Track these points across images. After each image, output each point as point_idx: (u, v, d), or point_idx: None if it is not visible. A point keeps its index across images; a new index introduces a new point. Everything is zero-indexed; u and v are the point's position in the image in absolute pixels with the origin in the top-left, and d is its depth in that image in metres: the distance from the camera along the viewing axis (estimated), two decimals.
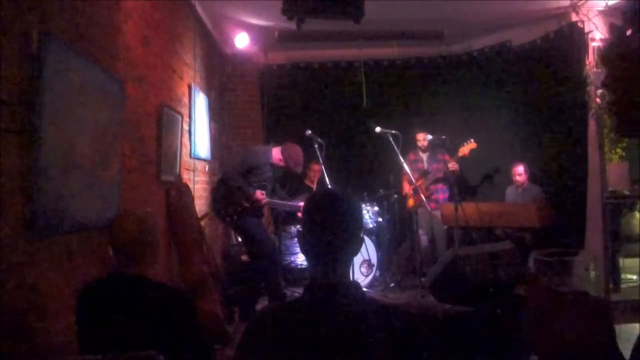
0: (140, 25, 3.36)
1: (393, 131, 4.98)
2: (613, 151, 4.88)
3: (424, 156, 5.70)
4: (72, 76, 2.26)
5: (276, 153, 4.43)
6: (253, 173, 4.37)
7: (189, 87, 4.62)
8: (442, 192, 5.61)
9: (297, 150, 4.43)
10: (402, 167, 5.19)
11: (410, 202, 5.61)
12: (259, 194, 4.29)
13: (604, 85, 0.79)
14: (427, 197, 5.23)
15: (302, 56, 6.58)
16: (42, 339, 2.02)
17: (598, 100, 4.87)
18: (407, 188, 5.68)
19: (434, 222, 5.47)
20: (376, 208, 5.56)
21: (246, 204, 4.27)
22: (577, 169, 5.26)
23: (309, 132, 4.88)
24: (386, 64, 6.67)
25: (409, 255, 5.72)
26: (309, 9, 3.56)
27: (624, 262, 4.77)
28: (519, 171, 5.37)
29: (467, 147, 5.44)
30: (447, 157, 5.45)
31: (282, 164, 4.41)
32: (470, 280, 3.60)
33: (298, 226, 5.25)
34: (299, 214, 4.55)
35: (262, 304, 4.42)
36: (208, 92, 5.45)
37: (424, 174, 5.56)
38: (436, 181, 5.55)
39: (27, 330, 1.93)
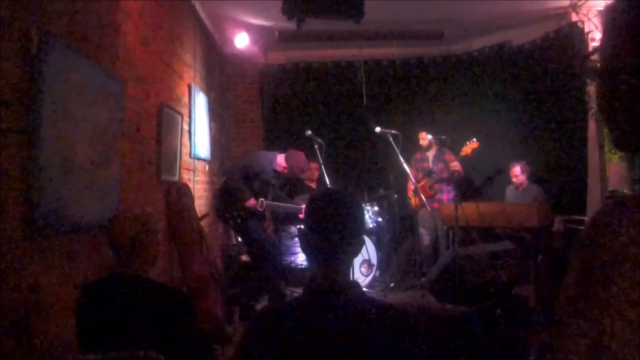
0: (140, 25, 3.36)
1: (393, 131, 4.98)
2: (613, 151, 4.88)
3: (430, 155, 5.71)
4: (72, 76, 2.26)
5: (280, 160, 4.46)
6: (256, 178, 4.40)
7: (189, 87, 4.62)
8: (446, 192, 5.60)
9: (300, 157, 4.46)
10: (403, 168, 5.19)
11: (413, 201, 5.62)
12: (252, 202, 4.30)
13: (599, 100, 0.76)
14: (431, 197, 5.22)
15: (302, 56, 6.58)
16: (42, 339, 2.02)
17: None
18: (411, 187, 5.68)
19: (437, 222, 5.47)
20: (376, 208, 5.56)
21: (243, 206, 4.31)
22: (577, 169, 5.26)
23: (309, 132, 4.89)
24: (386, 64, 6.67)
25: (409, 255, 5.72)
26: (309, 9, 3.56)
27: None
28: (516, 172, 5.37)
29: (470, 147, 5.44)
30: (452, 157, 5.46)
31: (285, 170, 4.44)
32: (470, 280, 3.60)
33: (298, 226, 5.26)
34: (300, 215, 4.56)
35: (262, 304, 4.43)
36: (208, 92, 5.45)
37: (428, 173, 5.56)
38: (440, 181, 5.55)
39: (27, 330, 1.93)
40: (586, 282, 0.67)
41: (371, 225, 5.43)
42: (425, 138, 5.62)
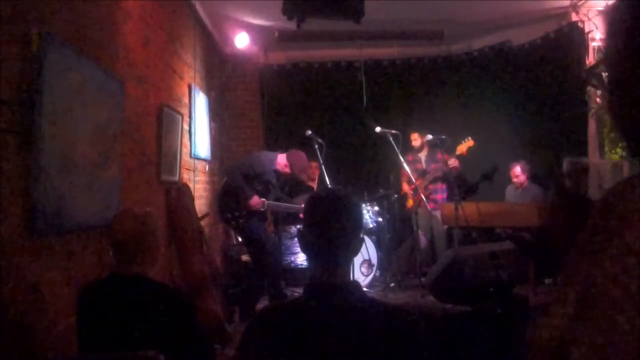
0: (140, 25, 3.36)
1: (393, 131, 4.98)
2: (613, 151, 4.88)
3: (422, 156, 5.71)
4: (72, 76, 2.26)
5: (281, 160, 4.46)
6: (257, 178, 4.40)
7: (189, 87, 4.62)
8: (440, 192, 5.60)
9: (301, 157, 4.47)
10: (401, 167, 5.20)
11: (410, 202, 5.62)
12: (256, 200, 4.31)
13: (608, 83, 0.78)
14: (426, 197, 5.22)
15: (302, 56, 6.58)
16: (42, 339, 2.02)
17: (598, 100, 4.87)
18: (405, 188, 5.68)
19: (433, 222, 5.46)
20: (376, 208, 5.56)
21: (245, 206, 4.31)
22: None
23: (309, 132, 4.89)
24: (386, 64, 6.66)
25: (409, 255, 5.72)
26: (309, 9, 3.56)
27: None
28: (517, 172, 5.36)
29: (465, 145, 5.44)
30: (445, 156, 5.46)
31: (287, 170, 4.44)
32: (470, 280, 3.60)
33: (298, 226, 5.26)
34: (300, 215, 4.56)
35: (262, 304, 4.42)
36: (208, 92, 5.45)
37: (422, 174, 5.56)
38: (435, 180, 5.55)
39: (27, 330, 1.93)
40: (589, 245, 0.71)
41: (371, 225, 5.43)
42: (418, 139, 5.63)
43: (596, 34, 4.98)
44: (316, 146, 4.81)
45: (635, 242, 0.65)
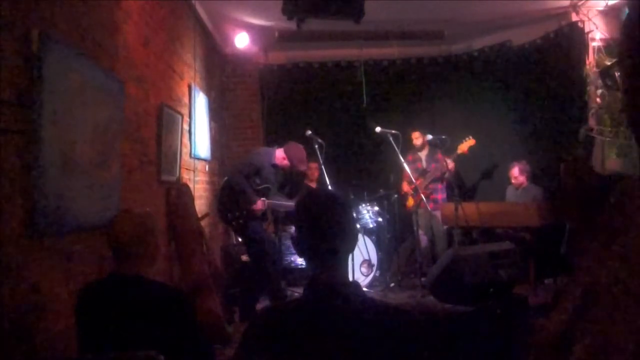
0: (140, 25, 3.36)
1: (393, 131, 4.98)
2: (612, 150, 4.87)
3: (423, 156, 5.72)
4: (72, 76, 2.26)
5: (279, 153, 4.46)
6: (257, 175, 4.39)
7: (189, 87, 4.62)
8: (440, 192, 5.61)
9: (300, 149, 4.47)
10: (402, 167, 5.20)
11: (410, 202, 5.62)
12: (260, 204, 4.32)
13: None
14: (427, 197, 5.23)
15: (302, 56, 6.59)
16: (42, 339, 2.02)
17: (598, 100, 4.86)
18: (406, 187, 5.69)
19: (433, 222, 5.47)
20: (376, 208, 5.56)
21: (248, 210, 4.33)
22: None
23: (309, 132, 4.89)
24: (386, 64, 6.66)
25: (409, 255, 5.72)
26: (309, 9, 3.56)
27: None
28: (515, 173, 5.35)
29: (466, 144, 5.45)
30: (446, 157, 5.47)
31: (285, 162, 4.44)
32: (470, 280, 3.60)
33: None
34: None
35: (262, 304, 4.43)
36: (208, 92, 5.45)
37: (422, 173, 5.57)
38: (435, 180, 5.56)
39: (27, 330, 1.93)
40: (596, 242, 0.71)
41: (371, 225, 5.43)
42: (420, 137, 5.63)
43: (596, 34, 4.98)
44: (316, 146, 4.81)
45: (638, 241, 0.65)
